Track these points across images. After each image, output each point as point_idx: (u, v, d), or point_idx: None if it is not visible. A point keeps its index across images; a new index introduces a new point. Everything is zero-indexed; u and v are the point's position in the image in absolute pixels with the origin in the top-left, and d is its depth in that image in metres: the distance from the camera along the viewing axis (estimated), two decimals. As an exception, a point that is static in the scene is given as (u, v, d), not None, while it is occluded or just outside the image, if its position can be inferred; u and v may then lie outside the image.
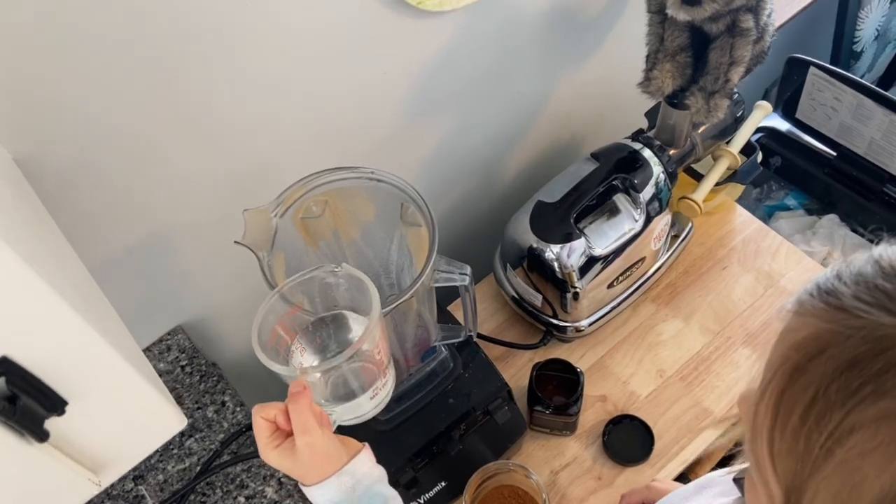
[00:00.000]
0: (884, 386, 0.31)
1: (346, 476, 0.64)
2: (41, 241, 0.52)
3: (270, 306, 0.64)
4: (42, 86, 0.66)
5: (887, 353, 0.32)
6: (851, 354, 0.33)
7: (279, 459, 0.63)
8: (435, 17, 0.90)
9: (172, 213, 0.86)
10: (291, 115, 0.87)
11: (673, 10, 0.82)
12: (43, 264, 0.41)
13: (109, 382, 0.45)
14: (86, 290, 0.59)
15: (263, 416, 0.63)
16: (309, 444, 0.61)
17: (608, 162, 1.06)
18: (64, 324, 0.40)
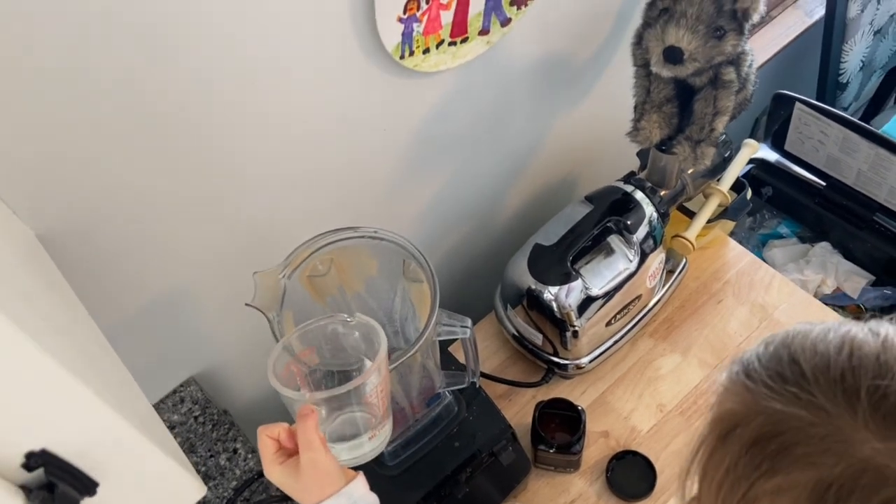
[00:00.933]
0: (779, 465, 0.36)
1: (344, 497, 0.66)
2: (68, 324, 0.56)
3: (283, 349, 0.68)
4: (61, 164, 0.70)
5: (782, 436, 0.36)
6: (755, 435, 0.38)
7: (282, 475, 0.65)
8: (430, 77, 0.94)
9: (185, 274, 0.89)
10: (297, 176, 0.91)
11: (657, 67, 0.86)
12: (74, 358, 0.45)
13: (136, 461, 0.48)
14: (104, 362, 0.63)
15: (268, 434, 0.66)
16: (312, 461, 0.64)
17: (602, 204, 1.09)
18: (96, 415, 0.43)
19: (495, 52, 0.97)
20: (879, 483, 0.33)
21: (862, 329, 0.38)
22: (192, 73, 0.72)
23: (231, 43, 0.73)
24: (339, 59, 0.83)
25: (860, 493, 0.33)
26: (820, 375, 0.37)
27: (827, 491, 0.34)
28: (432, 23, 0.87)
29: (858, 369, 0.36)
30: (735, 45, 0.84)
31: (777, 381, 0.38)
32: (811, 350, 0.38)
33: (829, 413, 0.36)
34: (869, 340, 0.37)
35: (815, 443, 0.35)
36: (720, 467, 0.39)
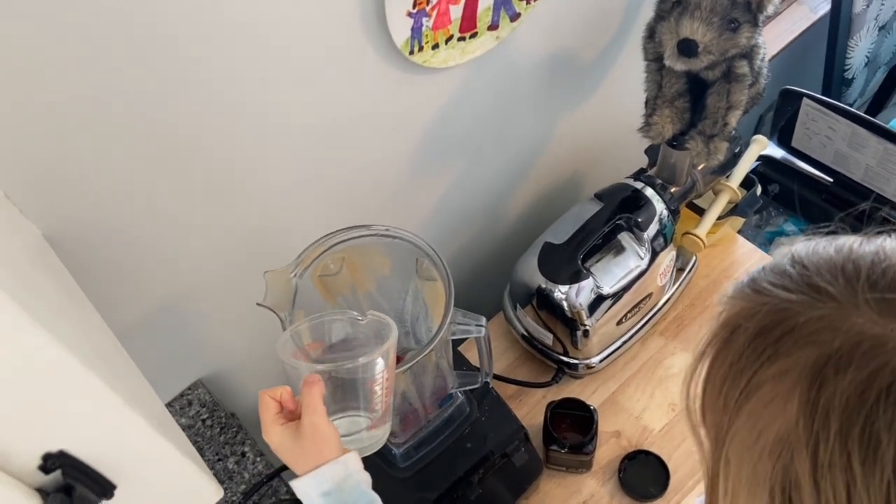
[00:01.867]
0: (781, 349, 0.38)
1: (340, 466, 0.65)
2: (81, 323, 0.54)
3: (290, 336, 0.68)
4: (69, 164, 0.69)
5: (785, 323, 0.38)
6: (759, 326, 0.39)
7: (282, 436, 0.65)
8: (439, 73, 0.93)
9: (193, 273, 0.88)
10: (307, 175, 0.90)
11: (670, 61, 0.85)
12: (90, 356, 0.43)
13: (153, 463, 0.47)
14: (118, 362, 0.61)
15: (270, 394, 0.66)
16: (314, 425, 0.63)
17: (612, 202, 1.08)
18: (115, 415, 0.42)
19: (504, 47, 0.96)
20: (876, 350, 0.34)
21: (858, 240, 0.40)
22: (200, 74, 0.71)
23: (238, 41, 0.72)
24: (348, 55, 0.82)
25: (857, 361, 0.34)
26: (822, 266, 0.39)
27: (826, 364, 0.35)
28: (441, 17, 0.86)
29: (858, 260, 0.38)
30: (749, 38, 0.84)
31: (780, 277, 0.40)
32: (813, 252, 0.40)
33: (830, 294, 0.37)
34: (865, 245, 0.39)
35: (814, 322, 0.37)
36: (724, 364, 0.41)
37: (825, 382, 0.35)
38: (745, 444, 0.39)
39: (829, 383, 0.35)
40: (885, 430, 0.33)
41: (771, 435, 0.37)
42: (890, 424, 0.33)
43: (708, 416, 0.43)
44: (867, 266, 0.37)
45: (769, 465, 0.37)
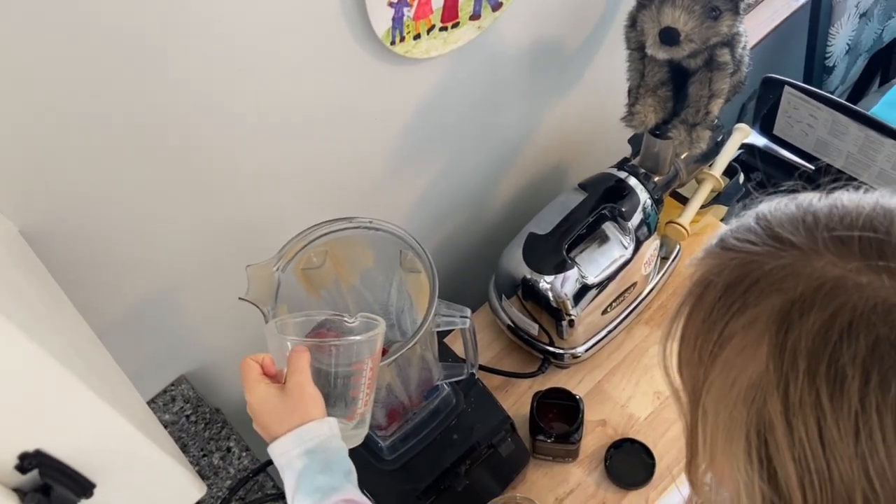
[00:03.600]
0: (749, 299, 0.39)
1: (326, 426, 0.65)
2: (57, 321, 0.54)
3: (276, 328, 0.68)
4: (45, 160, 0.68)
5: (751, 274, 0.39)
6: (728, 279, 0.41)
7: (267, 392, 0.64)
8: (421, 64, 0.92)
9: (174, 268, 0.87)
10: (289, 167, 0.89)
11: (652, 49, 0.85)
12: (66, 353, 0.43)
13: (134, 461, 0.46)
14: (96, 360, 0.60)
15: (252, 358, 0.67)
16: (300, 385, 0.64)
17: (596, 192, 1.08)
18: (93, 413, 0.41)
19: (486, 37, 0.96)
20: (837, 291, 0.36)
21: (817, 195, 0.42)
22: (177, 66, 0.70)
23: (218, 33, 0.71)
24: (329, 46, 0.81)
25: (820, 303, 0.36)
26: (784, 220, 0.41)
27: (791, 309, 0.37)
28: (423, 7, 0.85)
29: (817, 211, 0.40)
30: (731, 26, 0.83)
31: (746, 233, 0.42)
32: (775, 208, 0.42)
33: (792, 243, 0.39)
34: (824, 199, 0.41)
35: (778, 270, 0.38)
36: (697, 320, 0.42)
37: (791, 326, 0.37)
38: (721, 393, 0.41)
39: (794, 327, 0.37)
40: (850, 365, 0.34)
41: (744, 382, 0.39)
42: (853, 359, 0.34)
43: (684, 370, 0.45)
44: (825, 215, 0.39)
45: (744, 410, 0.39)
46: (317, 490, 0.62)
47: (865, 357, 0.34)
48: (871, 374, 0.34)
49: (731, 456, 0.41)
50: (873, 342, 0.34)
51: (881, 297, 0.35)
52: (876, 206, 0.39)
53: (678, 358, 0.45)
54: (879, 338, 0.34)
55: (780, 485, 0.38)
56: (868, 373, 0.34)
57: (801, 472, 0.36)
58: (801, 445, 0.36)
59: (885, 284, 0.35)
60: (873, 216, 0.38)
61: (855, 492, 0.35)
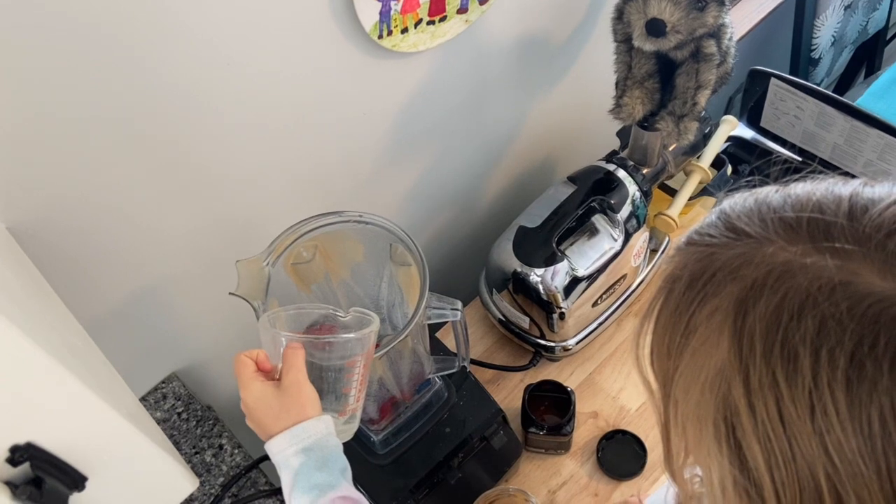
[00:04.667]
0: (709, 290, 0.40)
1: (323, 424, 0.65)
2: (46, 316, 0.53)
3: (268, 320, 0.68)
4: (32, 156, 0.68)
5: (712, 266, 0.41)
6: (691, 273, 0.42)
7: (263, 390, 0.64)
8: (410, 57, 0.92)
9: (164, 264, 0.87)
10: (277, 162, 0.89)
11: (639, 41, 0.85)
12: (56, 347, 0.42)
13: (126, 454, 0.46)
14: (87, 354, 0.60)
15: (246, 355, 0.66)
16: (297, 382, 0.64)
17: (585, 184, 1.09)
18: (84, 406, 0.41)
19: (474, 30, 0.96)
20: (785, 275, 0.37)
21: (774, 188, 0.43)
22: (163, 61, 0.70)
23: (205, 28, 0.71)
24: (316, 40, 0.81)
25: (770, 288, 0.37)
26: (741, 212, 0.42)
27: (747, 297, 0.38)
28: (410, 1, 0.85)
29: (772, 202, 0.41)
30: (716, 17, 0.84)
31: (708, 228, 0.43)
32: (735, 202, 0.43)
33: (746, 232, 0.40)
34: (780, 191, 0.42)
35: (734, 259, 0.39)
36: (665, 314, 0.44)
37: (747, 312, 0.38)
38: (689, 383, 0.42)
39: (750, 312, 0.38)
40: (801, 345, 0.35)
41: (710, 370, 0.40)
42: (803, 339, 0.35)
43: (656, 363, 0.46)
44: (777, 205, 0.41)
45: (711, 398, 0.40)
46: (314, 487, 0.63)
47: (814, 336, 0.35)
48: (820, 352, 0.35)
49: (702, 445, 0.42)
50: (819, 321, 0.35)
51: (825, 277, 0.36)
52: (826, 192, 0.40)
53: (650, 352, 0.47)
54: (825, 316, 0.35)
55: (750, 469, 0.38)
56: (818, 350, 0.35)
57: (766, 454, 0.37)
58: (763, 427, 0.37)
59: (829, 264, 0.36)
60: (822, 200, 0.39)
61: (817, 469, 0.35)
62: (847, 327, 0.34)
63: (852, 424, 0.34)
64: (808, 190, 0.41)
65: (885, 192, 0.39)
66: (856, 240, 0.37)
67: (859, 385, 0.34)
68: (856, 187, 0.40)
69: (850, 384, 0.34)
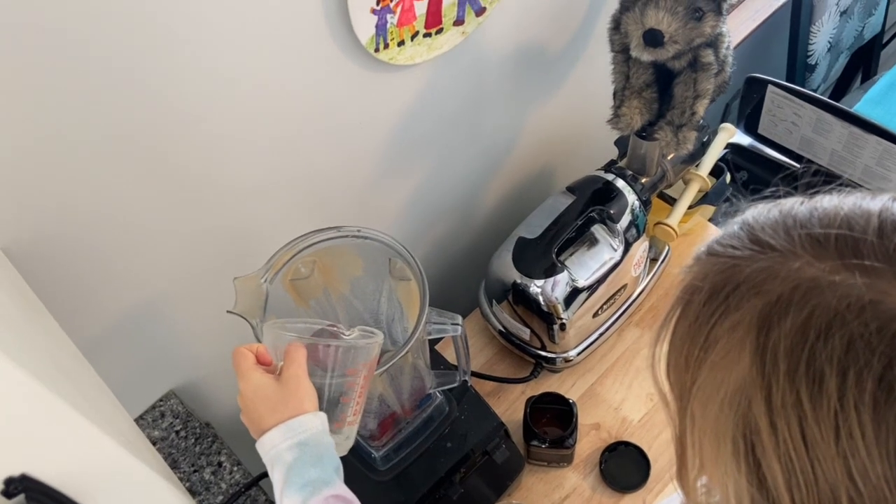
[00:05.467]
0: (731, 303, 0.39)
1: (319, 420, 0.64)
2: (40, 340, 0.53)
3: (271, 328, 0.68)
4: (26, 175, 0.67)
5: (734, 278, 0.40)
6: (712, 284, 0.41)
7: (262, 380, 0.64)
8: (406, 70, 0.91)
9: (160, 282, 0.86)
10: (275, 175, 0.88)
11: (637, 51, 0.85)
12: (50, 374, 0.42)
13: (122, 482, 0.45)
14: (81, 379, 0.59)
15: (246, 348, 0.66)
16: (297, 377, 0.63)
17: (584, 195, 1.08)
18: (79, 435, 0.40)
19: (470, 42, 0.95)
20: (812, 292, 0.36)
21: (799, 200, 0.42)
22: (162, 76, 0.69)
23: (203, 43, 0.70)
24: (313, 54, 0.80)
25: (797, 304, 0.36)
26: (765, 224, 0.41)
27: (771, 312, 0.37)
28: (406, 14, 0.84)
29: (797, 214, 0.40)
30: (714, 27, 0.84)
31: (730, 239, 0.42)
32: (758, 213, 0.42)
33: (771, 246, 0.39)
34: (806, 203, 0.41)
35: (758, 273, 0.39)
36: (684, 325, 0.43)
37: (771, 328, 0.37)
38: (708, 397, 0.41)
39: (774, 328, 0.37)
40: (827, 364, 0.34)
41: (730, 386, 0.39)
42: (830, 358, 0.34)
43: (672, 375, 0.45)
44: (805, 217, 0.40)
45: (730, 414, 0.39)
46: (308, 484, 0.61)
47: (841, 356, 0.34)
48: (847, 373, 0.34)
49: (719, 460, 0.41)
50: (848, 341, 0.34)
51: (854, 295, 0.35)
52: (854, 207, 0.39)
53: (666, 363, 0.46)
54: (854, 336, 0.34)
55: (769, 488, 0.37)
56: (845, 371, 0.34)
57: (787, 474, 0.36)
58: (785, 447, 0.36)
59: (859, 282, 0.35)
60: (851, 216, 0.38)
61: (840, 492, 0.35)
62: (876, 349, 0.33)
63: (878, 449, 0.33)
64: (836, 204, 0.40)
65: None
66: (886, 258, 0.36)
67: (887, 408, 0.33)
68: (886, 202, 0.39)
69: (877, 407, 0.33)
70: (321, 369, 0.67)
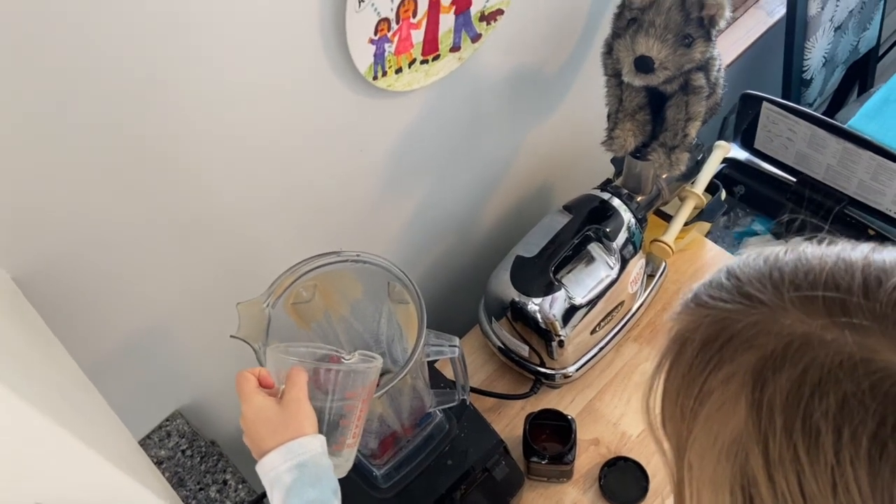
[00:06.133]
0: (724, 356, 0.40)
1: (318, 441, 0.66)
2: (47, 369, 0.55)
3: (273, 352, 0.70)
4: (35, 205, 0.69)
5: (725, 331, 0.40)
6: (704, 336, 0.42)
7: (264, 402, 0.66)
8: (404, 96, 0.94)
9: (165, 306, 0.88)
10: (276, 200, 0.91)
11: (628, 77, 0.87)
12: (57, 405, 0.44)
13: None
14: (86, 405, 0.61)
15: (249, 371, 0.68)
16: (297, 400, 0.65)
17: (580, 213, 1.10)
18: (82, 463, 0.42)
19: (467, 67, 0.97)
20: (805, 348, 0.37)
21: (783, 249, 0.43)
22: (164, 104, 0.71)
23: (205, 74, 0.72)
24: (313, 83, 0.82)
25: (790, 360, 0.37)
26: (752, 276, 0.41)
27: (765, 366, 0.38)
28: (403, 42, 0.87)
29: (783, 267, 0.41)
30: (703, 52, 0.86)
31: (718, 290, 0.43)
32: (744, 264, 0.43)
33: (760, 300, 0.40)
34: (790, 253, 0.42)
35: (751, 328, 0.39)
36: (677, 377, 0.43)
37: (766, 383, 0.38)
38: (704, 448, 0.41)
39: (769, 383, 0.38)
40: (823, 420, 0.35)
41: (726, 437, 0.40)
42: (825, 415, 0.35)
43: (668, 425, 0.46)
44: (790, 271, 0.40)
45: (728, 465, 0.40)
46: None
47: (836, 413, 0.35)
48: (842, 430, 0.35)
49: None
50: (842, 398, 0.35)
51: (846, 353, 0.36)
52: (838, 261, 0.40)
53: (661, 413, 0.46)
54: (847, 394, 0.35)
55: None
56: (840, 428, 0.35)
57: None
58: (783, 500, 0.37)
59: (849, 341, 0.36)
60: (835, 271, 0.39)
61: None
62: (869, 407, 0.34)
63: (874, 502, 0.34)
64: (820, 257, 0.40)
65: (894, 261, 0.39)
66: (873, 316, 0.37)
67: (882, 464, 0.34)
68: (867, 254, 0.40)
69: (872, 463, 0.34)
70: (322, 392, 0.69)
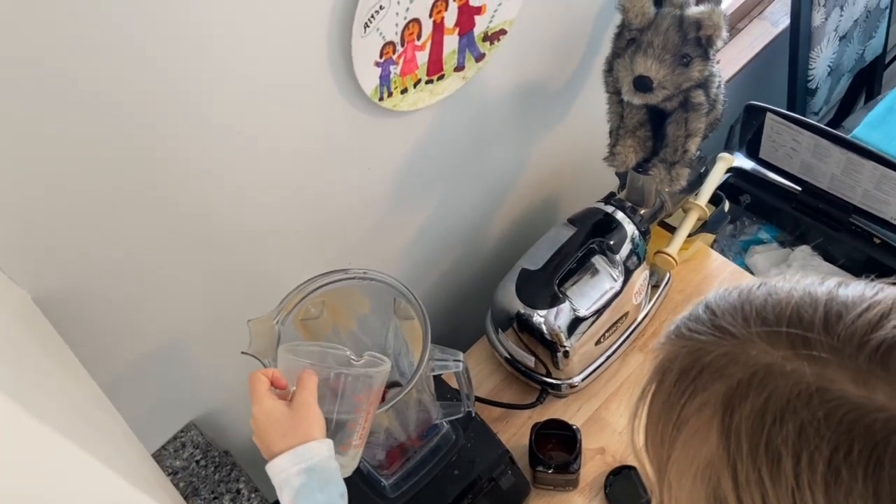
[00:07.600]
0: (699, 385, 0.42)
1: (326, 446, 0.68)
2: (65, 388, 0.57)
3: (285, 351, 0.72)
4: (54, 226, 0.72)
5: (699, 361, 0.43)
6: (681, 366, 0.44)
7: (274, 405, 0.68)
8: (410, 115, 0.96)
9: (181, 323, 0.91)
10: (286, 219, 0.93)
11: (628, 96, 0.89)
12: (73, 423, 0.46)
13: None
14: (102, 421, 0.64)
15: (262, 373, 0.70)
16: (307, 403, 0.67)
17: (584, 226, 1.12)
18: (97, 481, 0.45)
19: (471, 86, 1.00)
20: (768, 378, 0.39)
21: (757, 283, 0.46)
22: (176, 126, 0.74)
23: (217, 97, 0.75)
24: (320, 105, 0.85)
25: (755, 389, 0.39)
26: (725, 309, 0.44)
27: (733, 395, 0.40)
28: (408, 64, 0.89)
29: (754, 300, 0.44)
30: (702, 71, 0.87)
31: (695, 323, 0.45)
32: (720, 297, 0.46)
33: (731, 332, 0.43)
34: (763, 287, 0.45)
35: (721, 358, 0.42)
36: (658, 404, 0.46)
37: (734, 410, 0.40)
38: (682, 471, 0.44)
39: (736, 411, 0.40)
40: (783, 447, 0.38)
41: (701, 461, 0.42)
42: (785, 441, 0.38)
43: (650, 449, 0.48)
44: (759, 306, 0.43)
45: (702, 487, 0.42)
46: None
47: (794, 440, 0.37)
48: (801, 456, 0.37)
49: None
50: (799, 426, 0.37)
51: (804, 383, 0.38)
52: (804, 296, 0.42)
53: (644, 436, 0.49)
54: (804, 423, 0.37)
55: None
56: (798, 454, 0.37)
57: None
58: None
59: (807, 372, 0.38)
60: (801, 306, 0.41)
61: None
62: (824, 435, 0.36)
63: None
64: (788, 291, 0.43)
65: (857, 296, 0.41)
66: (831, 349, 0.39)
67: (836, 489, 0.36)
68: (832, 289, 0.42)
69: (828, 488, 0.36)
70: (331, 394, 0.71)
